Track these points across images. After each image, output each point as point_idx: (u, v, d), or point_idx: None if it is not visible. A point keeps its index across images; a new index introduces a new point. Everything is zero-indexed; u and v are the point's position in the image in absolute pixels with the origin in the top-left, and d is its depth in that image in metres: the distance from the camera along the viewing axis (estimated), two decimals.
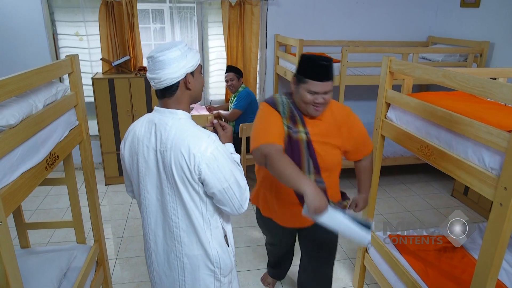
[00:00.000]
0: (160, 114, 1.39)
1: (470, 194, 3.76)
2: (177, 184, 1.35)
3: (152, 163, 1.39)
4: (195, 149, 1.30)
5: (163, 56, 1.31)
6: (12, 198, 1.32)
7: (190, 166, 1.30)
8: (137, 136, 1.43)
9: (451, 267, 2.15)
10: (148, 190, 1.44)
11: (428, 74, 1.81)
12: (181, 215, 1.41)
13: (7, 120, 1.32)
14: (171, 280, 1.51)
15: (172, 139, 1.32)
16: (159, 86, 1.35)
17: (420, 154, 1.89)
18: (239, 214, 1.44)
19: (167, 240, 1.46)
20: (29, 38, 3.90)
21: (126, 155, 1.48)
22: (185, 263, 1.46)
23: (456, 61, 4.01)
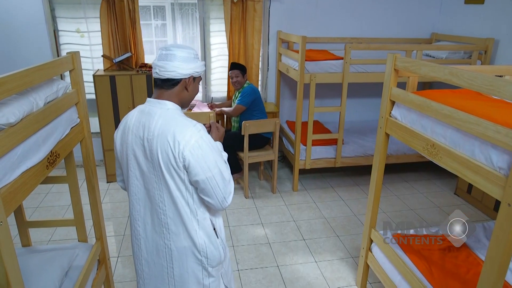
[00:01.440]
0: (150, 105, 1.45)
1: (474, 192, 3.73)
2: (163, 172, 1.38)
3: (140, 151, 1.43)
4: (180, 137, 1.33)
5: (178, 51, 1.42)
6: (12, 198, 1.30)
7: (175, 153, 1.33)
8: (128, 126, 1.47)
9: (455, 266, 2.13)
10: (137, 178, 1.47)
11: (434, 71, 1.78)
12: (168, 203, 1.43)
13: (7, 118, 1.30)
14: (159, 268, 1.52)
15: (159, 128, 1.36)
16: (162, 75, 1.41)
17: (425, 152, 1.87)
18: (223, 208, 1.45)
19: (156, 227, 1.48)
20: (30, 34, 3.88)
21: (118, 144, 1.52)
22: (173, 250, 1.47)
23: (460, 58, 3.98)
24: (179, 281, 1.51)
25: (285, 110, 4.67)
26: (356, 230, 3.29)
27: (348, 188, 4.09)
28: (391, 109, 2.16)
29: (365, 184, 4.18)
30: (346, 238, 3.19)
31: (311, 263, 2.86)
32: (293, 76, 3.81)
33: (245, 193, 3.84)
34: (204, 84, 4.48)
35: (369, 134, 4.34)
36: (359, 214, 3.55)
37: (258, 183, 4.16)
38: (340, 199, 3.84)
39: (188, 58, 1.43)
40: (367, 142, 4.13)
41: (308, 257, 2.92)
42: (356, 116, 4.91)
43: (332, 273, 2.75)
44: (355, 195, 3.94)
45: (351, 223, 3.42)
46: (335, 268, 2.81)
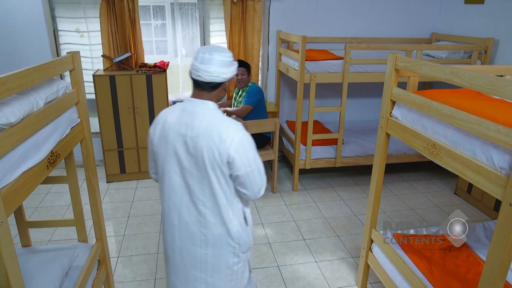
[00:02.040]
0: (192, 104, 1.55)
1: (474, 192, 3.73)
2: (206, 166, 1.49)
3: (182, 148, 1.52)
4: (225, 135, 1.46)
5: (221, 56, 1.50)
6: (13, 198, 1.30)
7: (221, 150, 1.46)
8: (168, 123, 1.56)
9: (456, 266, 2.13)
10: (176, 172, 1.56)
11: (435, 71, 1.78)
12: (208, 195, 1.55)
13: (7, 118, 1.30)
14: (192, 255, 1.64)
15: (204, 127, 1.48)
16: (205, 78, 1.50)
17: (426, 152, 1.86)
18: (256, 198, 1.60)
19: (192, 218, 1.59)
20: (30, 34, 3.87)
21: (156, 140, 1.61)
22: (209, 238, 1.60)
23: (460, 58, 3.98)
24: (211, 267, 1.64)
25: (285, 110, 4.66)
26: (356, 230, 3.29)
27: (348, 188, 4.09)
28: (392, 109, 2.16)
29: (365, 184, 4.18)
30: (346, 238, 3.18)
31: (312, 263, 2.86)
32: (293, 76, 3.80)
33: None
34: None
35: (369, 134, 4.34)
36: (359, 214, 3.55)
37: None
38: (340, 199, 3.84)
39: (229, 62, 1.54)
40: (367, 142, 4.13)
41: (308, 257, 2.92)
42: (356, 116, 4.91)
43: (333, 273, 2.75)
44: (355, 195, 3.94)
45: (351, 223, 3.41)
46: (335, 268, 2.81)
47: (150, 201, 3.73)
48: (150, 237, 3.13)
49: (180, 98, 4.40)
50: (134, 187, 4.01)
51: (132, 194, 3.87)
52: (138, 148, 4.05)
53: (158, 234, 3.18)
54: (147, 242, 3.06)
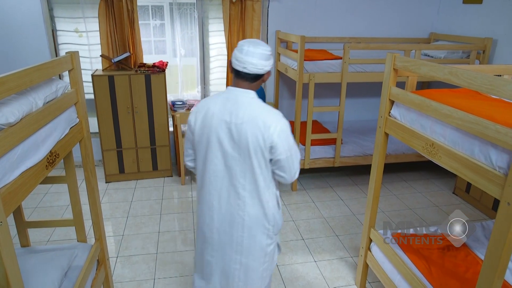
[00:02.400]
0: (235, 94, 1.64)
1: (472, 192, 3.74)
2: (249, 151, 1.59)
3: (225, 134, 1.61)
4: (269, 122, 1.57)
5: (263, 50, 1.60)
6: (12, 198, 1.30)
7: (265, 136, 1.56)
8: (211, 111, 1.64)
9: (454, 265, 2.14)
10: (217, 157, 1.66)
11: (434, 71, 1.78)
12: (248, 179, 1.65)
13: (6, 118, 1.30)
14: (229, 236, 1.73)
15: (248, 114, 1.58)
16: (250, 70, 1.59)
17: (425, 152, 1.87)
18: (292, 181, 1.72)
19: (231, 200, 1.69)
20: (28, 34, 3.87)
21: (197, 128, 1.69)
22: (245, 220, 1.70)
23: (459, 58, 3.99)
24: (247, 249, 1.74)
25: (284, 110, 4.66)
26: (355, 230, 3.29)
27: (347, 187, 4.10)
28: (390, 108, 2.17)
29: (363, 183, 4.18)
30: (345, 237, 3.19)
31: (310, 262, 2.86)
32: (292, 76, 3.81)
33: None
34: (203, 84, 4.48)
35: (368, 133, 4.34)
36: (358, 214, 3.56)
37: None
38: (339, 199, 3.84)
39: (270, 56, 1.63)
40: (366, 141, 4.14)
41: (307, 257, 2.92)
42: (354, 116, 4.91)
43: (331, 273, 2.76)
44: (354, 194, 3.95)
45: (350, 222, 3.42)
46: (334, 268, 2.81)
47: (149, 201, 3.72)
48: (149, 237, 3.13)
49: (179, 98, 4.40)
50: (133, 187, 4.01)
51: (131, 194, 3.87)
52: (137, 148, 4.04)
53: (157, 234, 3.18)
54: (146, 242, 3.06)
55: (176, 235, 3.17)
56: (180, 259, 2.86)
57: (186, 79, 4.47)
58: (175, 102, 4.13)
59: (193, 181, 4.19)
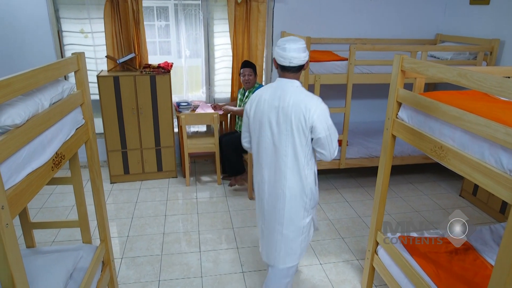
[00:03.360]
0: (282, 83, 1.94)
1: (479, 194, 3.70)
2: (293, 131, 1.87)
3: (274, 117, 1.92)
4: (310, 106, 1.85)
5: (301, 44, 1.90)
6: (18, 199, 1.29)
7: (306, 117, 1.84)
8: (263, 99, 1.96)
9: (463, 269, 2.11)
10: (268, 137, 1.96)
11: (442, 73, 1.76)
12: (290, 156, 1.91)
13: (13, 120, 1.29)
14: (274, 208, 2.01)
15: (293, 100, 1.86)
16: (296, 63, 1.89)
17: (433, 155, 1.85)
18: (331, 158, 1.96)
19: (276, 175, 1.96)
20: (34, 35, 3.88)
21: (252, 114, 2.02)
22: (286, 193, 1.96)
23: (466, 59, 3.95)
24: (287, 220, 2.00)
25: None
26: (361, 232, 3.27)
27: (352, 189, 4.07)
28: (398, 110, 2.14)
29: (369, 185, 4.16)
30: (351, 240, 3.17)
31: (316, 265, 2.84)
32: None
33: (249, 194, 3.82)
34: (208, 85, 4.47)
35: (373, 135, 4.32)
36: (363, 216, 3.53)
37: None
38: (345, 201, 3.82)
39: (305, 48, 1.92)
40: (371, 143, 4.11)
41: (312, 259, 2.90)
42: (360, 117, 4.88)
43: (337, 276, 2.73)
44: (360, 196, 3.92)
45: (356, 225, 3.39)
46: (340, 271, 2.79)
47: (154, 202, 3.72)
48: (154, 238, 3.12)
49: (184, 99, 4.39)
50: (137, 188, 4.01)
51: (135, 195, 3.87)
52: (142, 149, 4.04)
53: (162, 235, 3.17)
54: (151, 243, 3.05)
55: (181, 237, 3.16)
56: (185, 260, 2.85)
57: (191, 80, 4.47)
58: (180, 103, 4.12)
59: (198, 182, 4.18)
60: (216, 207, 3.65)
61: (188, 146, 3.95)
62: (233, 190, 3.99)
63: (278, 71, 1.99)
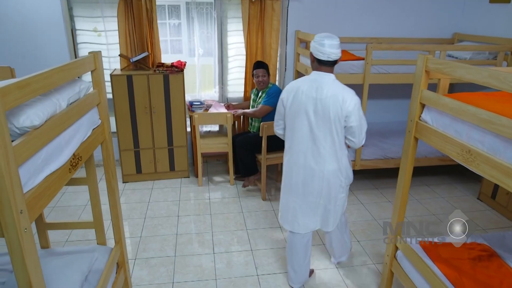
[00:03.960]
0: (320, 76, 2.19)
1: (499, 198, 3.61)
2: (330, 119, 2.14)
3: (311, 107, 2.17)
4: (346, 98, 2.11)
5: (338, 41, 2.17)
6: (37, 202, 1.26)
7: (343, 107, 2.11)
8: (301, 90, 2.20)
9: (488, 277, 2.03)
10: (304, 125, 2.21)
11: (472, 74, 1.69)
12: (328, 141, 2.19)
13: (31, 121, 1.26)
14: (311, 187, 2.30)
15: (331, 91, 2.13)
16: (333, 58, 2.15)
17: (460, 159, 1.78)
18: (359, 146, 2.26)
19: (314, 158, 2.24)
20: (48, 33, 3.87)
21: (289, 104, 2.25)
22: (325, 173, 2.25)
23: (485, 59, 3.85)
24: (326, 195, 2.32)
25: None
26: (377, 235, 3.20)
27: (367, 191, 4.00)
28: (421, 112, 2.08)
29: (384, 187, 4.08)
30: (366, 243, 3.10)
31: (332, 269, 2.79)
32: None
33: (262, 196, 3.78)
34: (221, 84, 4.43)
35: (388, 136, 4.24)
36: (379, 219, 3.46)
37: (275, 185, 4.10)
38: (359, 203, 3.75)
39: (340, 44, 2.18)
40: (387, 144, 4.04)
41: (328, 263, 2.85)
42: (375, 118, 4.79)
43: (354, 280, 2.67)
44: (375, 198, 3.85)
45: (372, 227, 3.33)
46: (356, 275, 2.73)
47: (167, 202, 3.69)
48: (167, 239, 3.09)
49: (197, 98, 4.36)
50: (150, 188, 3.98)
51: (148, 194, 3.85)
52: (155, 148, 4.02)
53: (175, 236, 3.14)
54: (164, 244, 3.02)
55: (194, 238, 3.12)
56: (198, 262, 2.82)
57: (204, 79, 4.43)
58: (192, 102, 4.09)
59: (210, 182, 4.14)
60: (229, 208, 3.61)
61: (201, 146, 3.91)
62: (246, 190, 3.95)
63: (313, 65, 2.22)
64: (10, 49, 3.85)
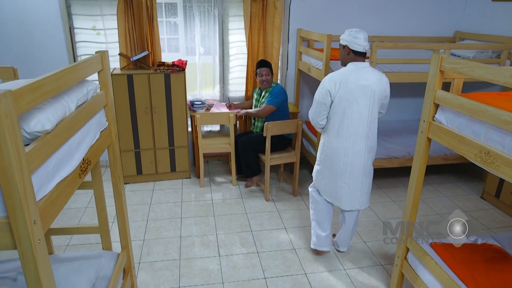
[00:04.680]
0: (361, 66, 2.48)
1: (503, 197, 3.60)
2: (375, 102, 2.46)
3: (360, 93, 2.43)
4: (385, 80, 2.51)
5: (367, 35, 2.51)
6: (49, 212, 1.20)
7: (386, 88, 2.51)
8: (349, 80, 2.43)
9: (502, 279, 2.01)
10: (353, 110, 2.45)
11: (491, 74, 1.65)
12: (371, 121, 2.50)
13: (42, 125, 1.19)
14: (359, 165, 2.56)
15: (375, 78, 2.45)
16: (367, 50, 2.50)
17: (477, 160, 1.74)
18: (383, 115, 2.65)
19: (359, 139, 2.50)
20: (46, 32, 3.78)
21: (338, 94, 2.45)
22: (366, 149, 2.54)
23: (488, 57, 3.83)
24: (367, 171, 2.60)
25: (305, 110, 4.53)
26: (383, 236, 3.17)
27: (372, 191, 3.91)
28: (435, 112, 2.04)
29: (388, 187, 4.06)
30: (373, 244, 3.07)
31: (340, 270, 2.75)
32: (315, 75, 3.68)
33: (265, 196, 3.73)
34: (222, 83, 4.37)
35: (391, 135, 4.21)
36: (384, 219, 3.44)
37: (278, 186, 4.05)
38: None
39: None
40: (390, 144, 4.01)
41: (336, 264, 2.81)
42: None
43: (363, 282, 2.64)
44: (379, 198, 3.82)
45: (377, 228, 3.30)
46: (365, 276, 2.70)
47: (169, 204, 3.63)
48: (171, 242, 3.03)
49: (198, 97, 4.29)
50: (151, 189, 3.92)
51: (149, 196, 3.78)
52: (155, 149, 3.95)
53: (179, 238, 3.08)
54: (168, 247, 2.97)
55: (198, 240, 3.07)
56: (204, 265, 2.77)
57: (205, 78, 4.36)
58: (194, 102, 4.02)
59: (212, 183, 4.08)
60: (232, 209, 3.56)
61: (203, 146, 3.85)
62: (249, 191, 3.90)
63: (348, 57, 2.51)
64: (7, 48, 3.75)
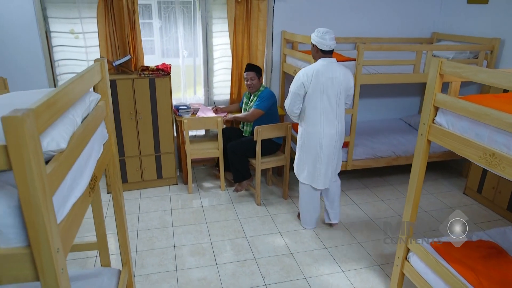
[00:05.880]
0: (328, 61, 2.89)
1: (485, 192, 3.74)
2: (342, 93, 2.92)
3: (329, 85, 2.85)
4: (350, 74, 2.98)
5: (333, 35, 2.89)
6: (68, 236, 1.12)
7: (351, 80, 2.97)
8: (320, 73, 2.84)
9: (503, 276, 2.08)
10: (324, 100, 2.88)
11: (495, 78, 1.69)
12: (340, 109, 2.96)
13: (57, 144, 1.11)
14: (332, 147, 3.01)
15: (341, 71, 2.90)
16: (333, 47, 2.89)
17: (482, 162, 1.79)
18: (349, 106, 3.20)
19: (331, 123, 2.94)
20: (20, 36, 3.57)
21: (311, 85, 2.86)
22: (338, 133, 2.99)
23: (466, 58, 3.98)
24: (337, 150, 3.07)
25: None
26: (376, 236, 3.22)
27: (359, 191, 4.02)
28: (435, 115, 2.08)
29: (374, 186, 4.13)
30: (368, 244, 3.11)
31: (339, 273, 2.76)
32: None
33: (257, 201, 3.70)
34: (207, 86, 4.29)
35: (377, 135, 4.28)
36: (374, 218, 3.49)
37: (267, 189, 4.03)
38: (353, 203, 3.76)
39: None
40: (376, 144, 4.08)
41: (334, 267, 2.82)
42: (361, 117, 4.82)
43: (362, 283, 2.66)
44: (367, 198, 3.88)
45: (369, 228, 3.34)
46: (364, 278, 2.72)
47: (158, 212, 3.53)
48: (165, 252, 2.94)
49: (183, 101, 4.20)
50: (138, 197, 3.79)
51: (137, 205, 3.66)
52: (141, 156, 3.83)
53: (173, 248, 3.00)
54: (163, 258, 2.88)
55: (193, 249, 3.00)
56: (202, 275, 2.70)
57: (189, 81, 4.27)
58: (179, 107, 3.93)
59: (200, 189, 4.01)
60: (224, 215, 3.50)
61: (190, 152, 3.77)
62: (238, 196, 3.85)
63: (317, 54, 2.91)
64: None
